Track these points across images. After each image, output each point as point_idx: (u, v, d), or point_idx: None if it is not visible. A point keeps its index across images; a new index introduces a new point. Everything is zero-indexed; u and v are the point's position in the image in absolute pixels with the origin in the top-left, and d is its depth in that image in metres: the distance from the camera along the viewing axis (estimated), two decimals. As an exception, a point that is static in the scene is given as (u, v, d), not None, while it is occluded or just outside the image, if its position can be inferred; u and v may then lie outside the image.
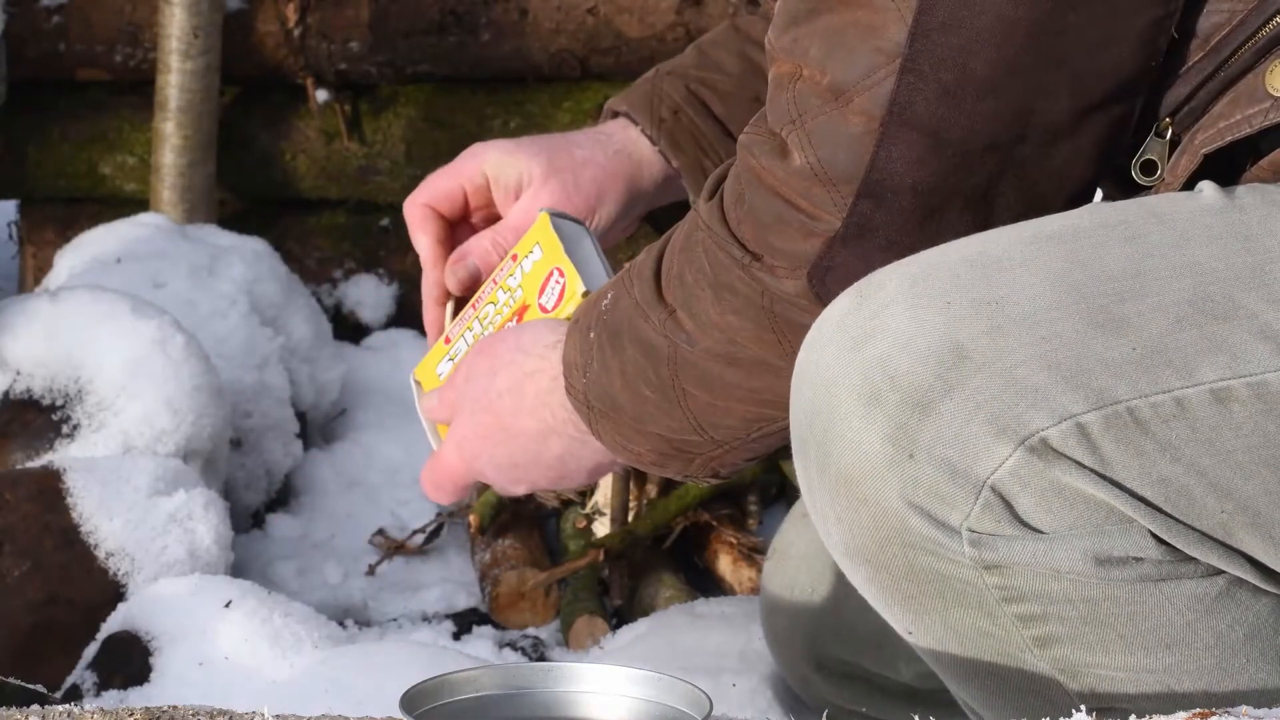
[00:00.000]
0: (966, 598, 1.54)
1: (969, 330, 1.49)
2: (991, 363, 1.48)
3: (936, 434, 1.48)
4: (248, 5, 3.38)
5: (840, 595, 2.13)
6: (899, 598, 1.57)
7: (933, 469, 1.48)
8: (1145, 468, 1.48)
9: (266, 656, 2.28)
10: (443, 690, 1.55)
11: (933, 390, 1.48)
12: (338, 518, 2.98)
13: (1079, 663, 1.55)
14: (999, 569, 1.51)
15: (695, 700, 1.52)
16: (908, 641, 1.63)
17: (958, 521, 1.50)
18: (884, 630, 2.09)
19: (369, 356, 3.38)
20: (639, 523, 2.67)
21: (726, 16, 3.33)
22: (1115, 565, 1.50)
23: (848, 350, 1.52)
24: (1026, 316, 1.49)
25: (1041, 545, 1.50)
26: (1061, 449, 1.47)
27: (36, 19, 3.41)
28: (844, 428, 1.51)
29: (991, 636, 1.56)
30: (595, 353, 1.75)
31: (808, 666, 2.19)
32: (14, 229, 3.63)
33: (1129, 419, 1.47)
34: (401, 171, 3.45)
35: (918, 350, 1.49)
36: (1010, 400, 1.47)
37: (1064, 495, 1.48)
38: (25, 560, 2.41)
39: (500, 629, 2.66)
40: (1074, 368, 1.47)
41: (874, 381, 1.50)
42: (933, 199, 1.57)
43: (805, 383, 1.56)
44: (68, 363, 2.62)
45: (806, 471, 1.57)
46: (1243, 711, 1.42)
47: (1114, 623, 1.53)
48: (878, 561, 1.54)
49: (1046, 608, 1.53)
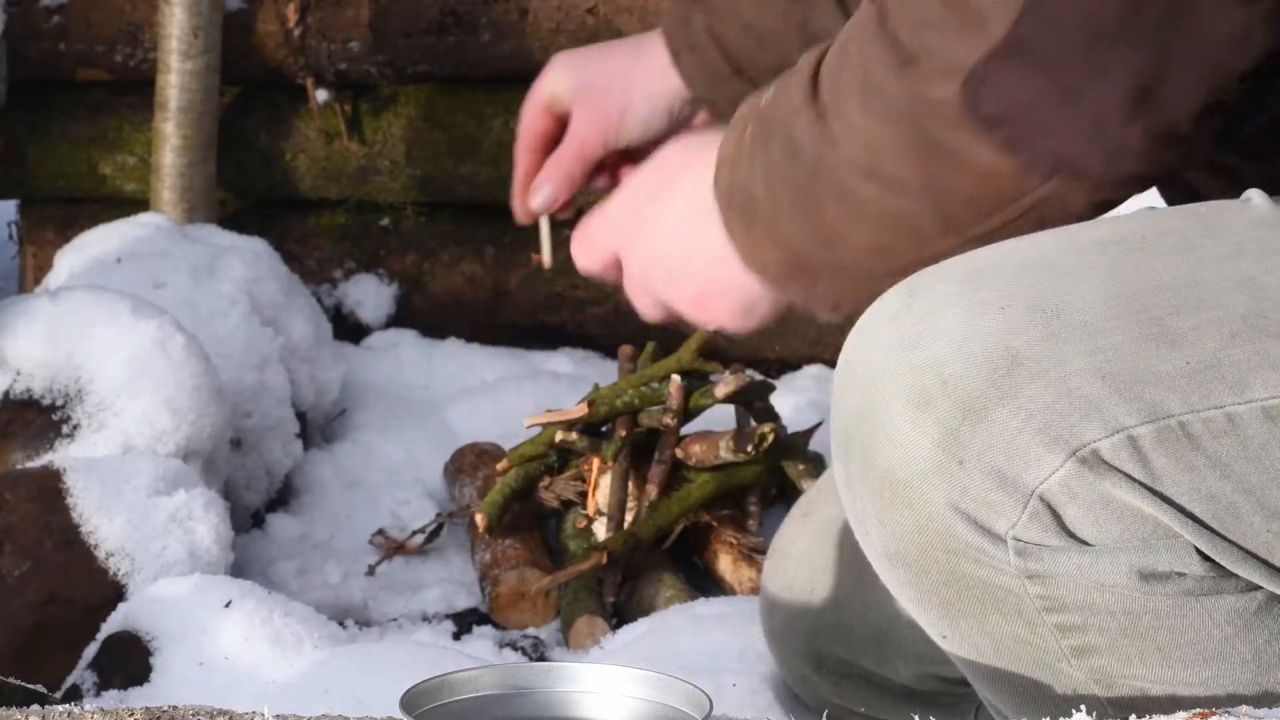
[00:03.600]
0: (1007, 606, 1.53)
1: (1024, 337, 1.48)
2: (1046, 371, 1.47)
3: (987, 441, 1.47)
4: (248, 5, 3.38)
5: (839, 595, 2.13)
6: (937, 603, 1.56)
7: (982, 476, 1.48)
8: (1195, 483, 1.47)
9: (266, 656, 2.28)
10: (443, 690, 1.55)
11: (985, 397, 1.47)
12: (338, 518, 2.98)
13: (1115, 674, 1.54)
14: (1042, 579, 1.51)
15: (695, 700, 1.52)
16: (942, 645, 1.62)
17: (1004, 530, 1.49)
18: (882, 631, 2.09)
19: (369, 356, 3.39)
20: (641, 525, 2.67)
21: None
22: (1159, 580, 1.50)
23: (898, 351, 1.51)
24: (1082, 325, 1.48)
25: (1087, 557, 1.49)
26: (1112, 461, 1.46)
27: (36, 19, 3.41)
28: (892, 430, 1.50)
29: (1029, 645, 1.55)
30: (746, 148, 1.65)
31: (806, 665, 2.19)
32: (14, 229, 3.64)
33: (1180, 433, 1.47)
34: (401, 171, 3.45)
35: (971, 355, 1.48)
36: (1063, 410, 1.46)
37: (1112, 508, 1.47)
38: (25, 560, 2.41)
39: (500, 629, 2.66)
40: (1128, 380, 1.46)
41: (925, 385, 1.49)
42: (1102, 27, 1.49)
43: (852, 380, 1.55)
44: (68, 363, 2.62)
45: (848, 471, 1.56)
46: (1243, 712, 1.42)
47: (1153, 635, 1.52)
48: (919, 566, 1.53)
49: (1087, 619, 1.52)
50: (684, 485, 2.74)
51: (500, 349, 3.44)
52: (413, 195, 3.48)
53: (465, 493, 2.92)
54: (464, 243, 3.50)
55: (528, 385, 3.26)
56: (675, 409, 2.76)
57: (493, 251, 3.49)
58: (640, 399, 2.79)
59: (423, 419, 3.21)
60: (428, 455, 3.10)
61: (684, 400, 2.76)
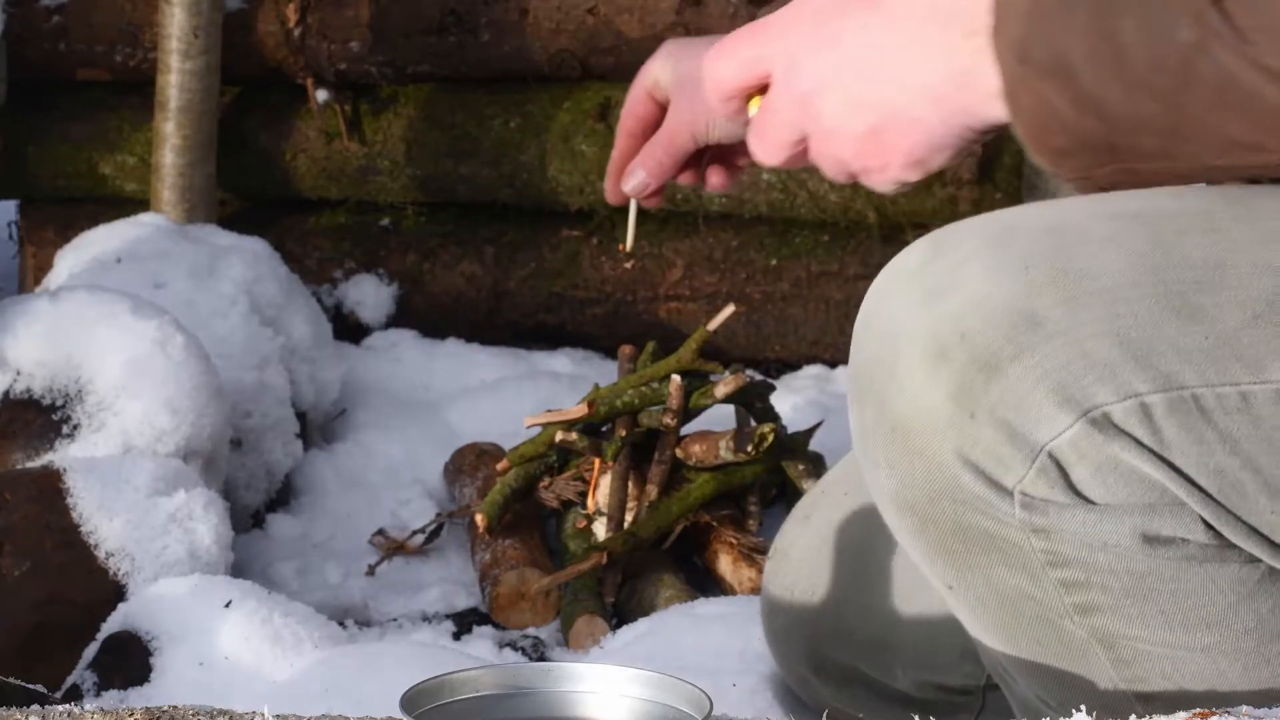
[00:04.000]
0: (1012, 559, 1.54)
1: (1045, 298, 1.49)
2: (1064, 332, 1.48)
3: (1000, 396, 1.48)
4: (248, 5, 3.38)
5: (840, 599, 2.13)
6: (943, 552, 1.57)
7: (992, 430, 1.49)
8: (1203, 456, 1.48)
9: (266, 656, 2.28)
10: (443, 690, 1.55)
11: (1002, 352, 1.49)
12: (338, 518, 2.98)
13: (1118, 634, 1.56)
14: (1047, 534, 1.52)
15: (695, 700, 1.52)
16: (947, 596, 1.63)
17: (1011, 483, 1.50)
18: (882, 636, 2.10)
19: (369, 356, 3.39)
20: (641, 525, 2.67)
21: (726, 17, 3.33)
22: (1162, 544, 1.51)
23: (919, 303, 1.52)
24: (1103, 291, 1.49)
25: (1092, 516, 1.51)
26: (1123, 425, 1.48)
27: (36, 19, 3.41)
28: (907, 380, 1.52)
29: (1033, 599, 1.56)
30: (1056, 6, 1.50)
31: (807, 668, 2.19)
32: (14, 229, 3.64)
33: (1193, 406, 1.48)
34: (401, 171, 3.45)
35: (991, 311, 1.49)
36: (1078, 371, 1.48)
37: (1119, 470, 1.49)
38: (25, 560, 2.41)
39: (500, 629, 2.66)
40: (1145, 348, 1.48)
41: (943, 337, 1.50)
42: None
43: (872, 330, 1.56)
44: (68, 363, 2.62)
45: (862, 418, 1.57)
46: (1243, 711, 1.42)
47: (1156, 597, 1.54)
48: (926, 514, 1.55)
49: (1090, 576, 1.53)
50: (684, 485, 2.74)
51: (500, 349, 3.44)
52: (413, 195, 3.48)
53: (465, 493, 2.92)
54: (464, 243, 3.50)
55: (528, 385, 3.26)
56: (675, 409, 2.76)
57: (493, 251, 3.49)
58: (640, 399, 2.79)
59: (423, 419, 3.21)
60: (428, 455, 3.11)
61: (684, 400, 2.76)
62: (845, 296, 3.43)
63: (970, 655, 2.05)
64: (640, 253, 3.45)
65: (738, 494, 2.80)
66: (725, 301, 3.28)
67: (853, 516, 2.13)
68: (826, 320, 3.45)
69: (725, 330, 3.11)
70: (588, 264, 3.46)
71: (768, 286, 3.44)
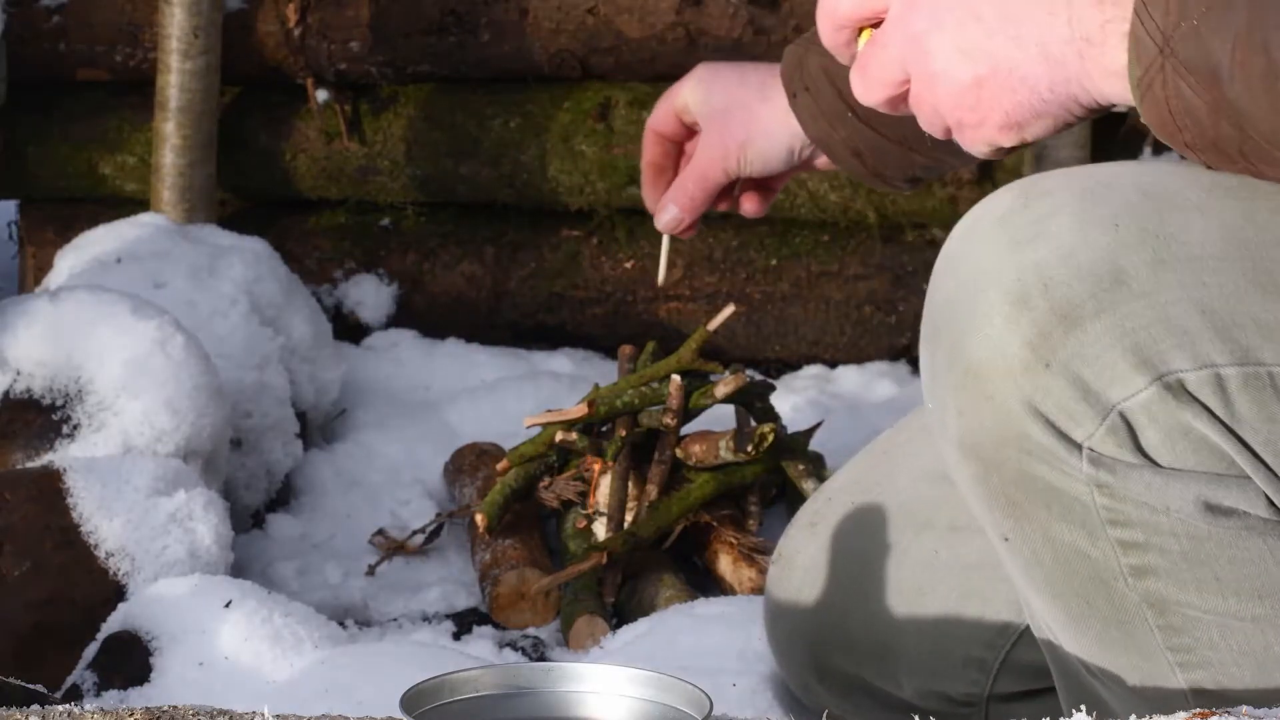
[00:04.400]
0: (1073, 513, 1.54)
1: (1132, 257, 1.49)
2: (1148, 294, 1.48)
3: (1077, 350, 1.48)
4: (248, 5, 3.38)
5: (845, 607, 2.13)
6: (1003, 501, 1.57)
7: (1066, 383, 1.49)
8: (1273, 434, 1.49)
9: (266, 656, 2.28)
10: (443, 690, 1.55)
11: (1084, 307, 1.48)
12: (338, 518, 2.98)
13: (1170, 599, 1.56)
14: (1110, 491, 1.52)
15: (695, 700, 1.52)
16: (1001, 549, 1.62)
17: (1081, 437, 1.50)
18: (886, 644, 2.09)
19: (369, 356, 3.39)
20: (641, 525, 2.67)
21: (726, 17, 3.33)
22: (1223, 514, 1.51)
23: (1006, 249, 1.51)
24: (1191, 258, 1.49)
25: (1158, 479, 1.51)
26: (1196, 394, 1.48)
27: (36, 19, 3.41)
28: (985, 324, 1.51)
29: (1089, 558, 1.56)
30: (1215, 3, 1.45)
31: (810, 676, 2.19)
32: (14, 229, 3.64)
33: (1268, 383, 1.48)
34: (401, 171, 3.45)
35: (1078, 264, 1.49)
36: (1157, 334, 1.48)
37: (1189, 438, 1.49)
38: (25, 560, 2.41)
39: (500, 629, 2.66)
40: (1226, 320, 1.48)
41: (1027, 285, 1.50)
42: None
43: (951, 271, 1.55)
44: (68, 363, 2.62)
45: (933, 359, 1.57)
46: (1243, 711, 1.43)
47: (1213, 564, 1.54)
48: (991, 461, 1.55)
49: (1150, 537, 1.53)
50: (684, 485, 2.74)
51: (500, 349, 3.44)
52: (413, 195, 3.48)
53: (465, 493, 2.92)
54: (464, 243, 3.50)
55: (528, 385, 3.26)
56: (675, 409, 2.76)
57: (493, 251, 3.49)
58: (640, 399, 2.79)
59: (423, 419, 3.21)
60: (428, 455, 3.10)
61: (684, 400, 2.76)
62: (845, 296, 3.43)
63: (975, 664, 2.05)
64: (640, 253, 3.45)
65: (738, 494, 2.80)
66: (725, 301, 3.28)
67: (859, 525, 2.13)
68: (826, 320, 3.45)
69: (725, 330, 3.11)
70: (588, 264, 3.46)
71: (768, 286, 3.44)
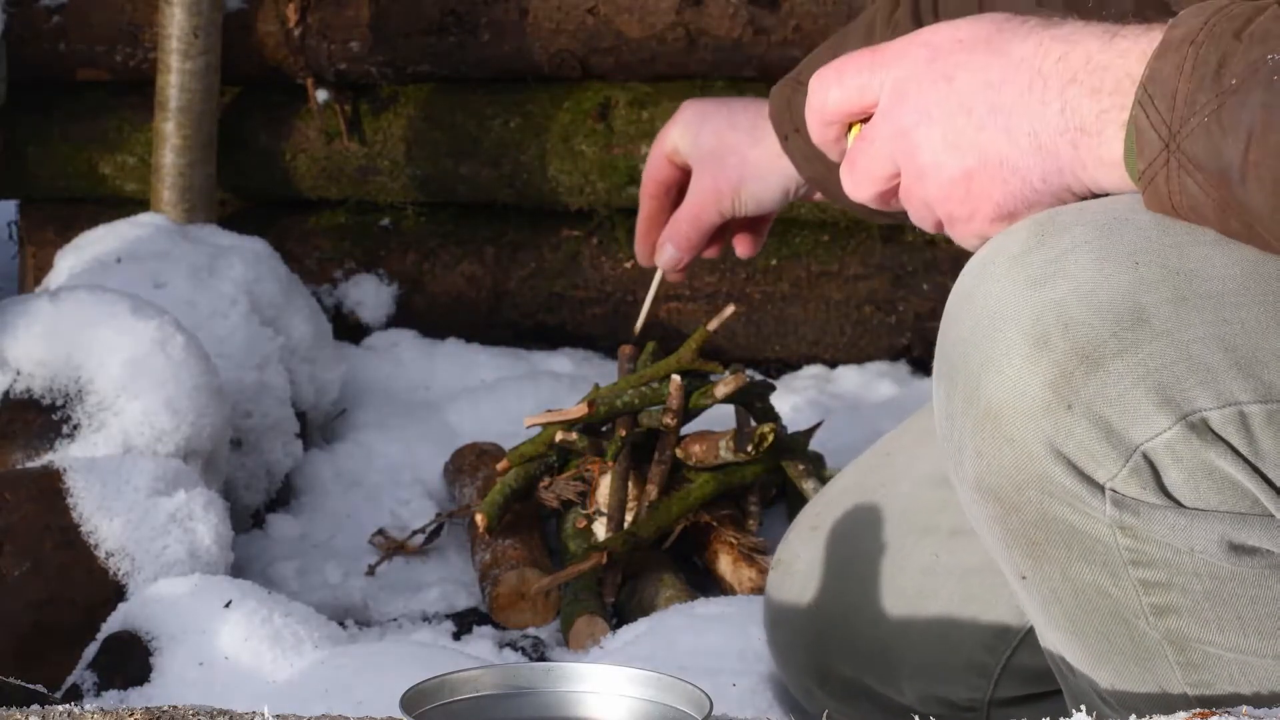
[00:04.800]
0: (1094, 554, 1.53)
1: (1153, 295, 1.47)
2: (1170, 332, 1.47)
3: (1099, 390, 1.47)
4: (248, 5, 3.38)
5: (846, 611, 2.12)
6: (1024, 542, 1.56)
7: (1088, 424, 1.48)
8: None
9: (266, 656, 2.28)
10: (443, 690, 1.55)
11: (1105, 346, 1.47)
12: (338, 518, 2.98)
13: (1191, 637, 1.55)
14: (1134, 533, 1.51)
15: (695, 700, 1.52)
16: (1018, 586, 1.61)
17: (1103, 479, 1.49)
18: (887, 648, 2.09)
19: (369, 356, 3.39)
20: (641, 525, 2.67)
21: (726, 17, 3.33)
22: (1247, 553, 1.50)
23: (1023, 287, 1.50)
24: (1213, 294, 1.47)
25: (1182, 519, 1.50)
26: (1220, 432, 1.47)
27: (36, 19, 3.41)
28: (1004, 364, 1.50)
29: (1109, 596, 1.55)
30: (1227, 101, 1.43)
31: (811, 680, 2.19)
32: (14, 229, 3.64)
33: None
34: (401, 171, 3.45)
35: (1098, 302, 1.48)
36: (1180, 373, 1.46)
37: (1213, 477, 1.48)
38: (25, 560, 2.41)
39: (500, 629, 2.66)
40: (1250, 356, 1.46)
41: (1046, 324, 1.48)
42: None
43: (968, 311, 1.53)
44: (68, 363, 2.62)
45: (950, 400, 1.55)
46: (1243, 711, 1.42)
47: (1236, 603, 1.53)
48: (1011, 502, 1.53)
49: (1173, 578, 1.52)
50: (684, 485, 2.74)
51: (500, 349, 3.44)
52: (413, 195, 3.48)
53: (465, 493, 2.92)
54: (464, 243, 3.50)
55: (528, 385, 3.26)
56: (675, 409, 2.76)
57: (493, 251, 3.49)
58: (640, 399, 2.79)
59: (423, 419, 3.21)
60: (428, 455, 3.11)
61: (684, 400, 2.76)
62: (845, 296, 3.43)
63: (976, 668, 2.05)
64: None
65: (738, 494, 2.80)
66: (725, 301, 3.28)
67: (859, 529, 2.12)
68: (826, 320, 3.45)
69: (725, 330, 3.11)
70: (588, 264, 3.46)
71: (768, 286, 3.44)
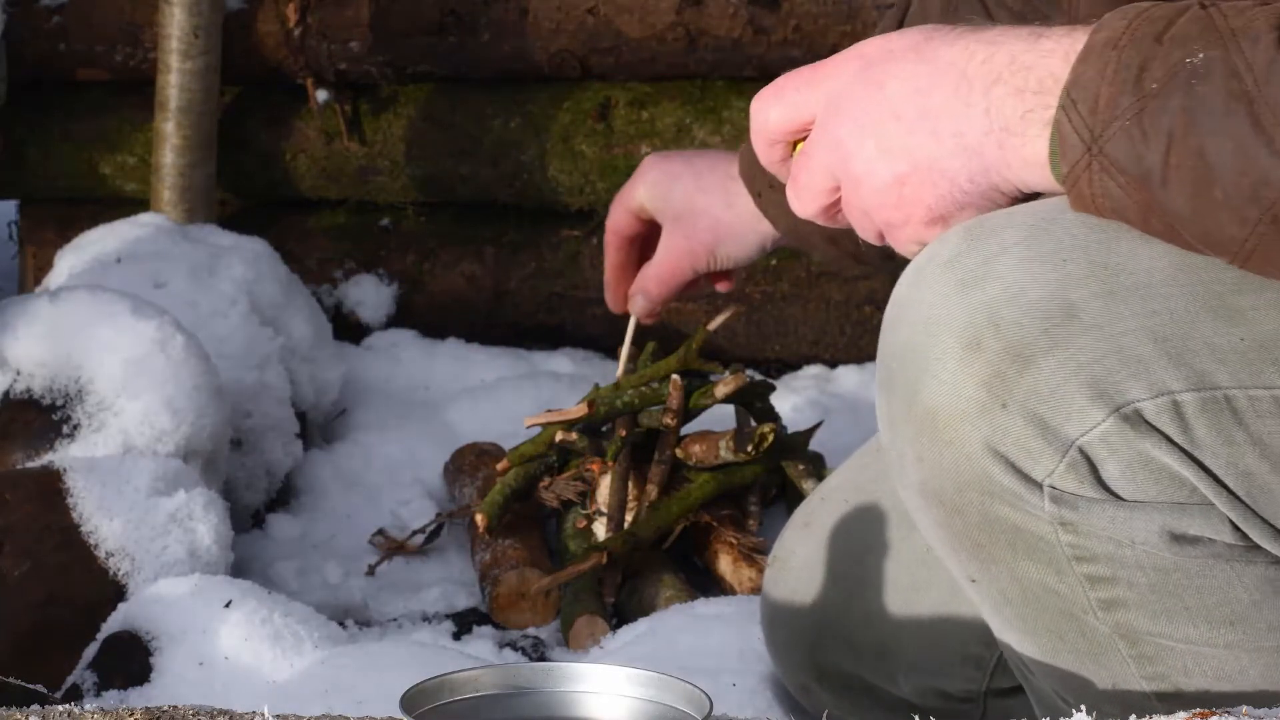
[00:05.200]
0: (1038, 552, 1.54)
1: (1082, 290, 1.48)
2: (1099, 326, 1.48)
3: (1032, 388, 1.48)
4: (248, 5, 3.38)
5: (842, 606, 2.13)
6: (969, 544, 1.57)
7: (1023, 421, 1.49)
8: (1233, 457, 1.48)
9: (266, 656, 2.28)
10: (443, 690, 1.55)
11: (1036, 344, 1.48)
12: (338, 518, 2.98)
13: (1141, 630, 1.56)
14: (1074, 528, 1.52)
15: (695, 700, 1.52)
16: (969, 590, 1.62)
17: (1041, 476, 1.50)
18: (884, 642, 2.09)
19: (369, 356, 3.39)
20: (641, 525, 2.67)
21: (726, 17, 3.33)
22: (1189, 542, 1.51)
23: (955, 291, 1.51)
24: (1141, 287, 1.49)
25: (1121, 512, 1.50)
26: (1154, 423, 1.48)
27: (36, 19, 3.41)
28: (939, 368, 1.51)
29: (1057, 594, 1.56)
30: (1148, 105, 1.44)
31: (808, 676, 2.19)
32: (14, 229, 3.64)
33: (1225, 406, 1.48)
34: (401, 171, 3.45)
35: (1027, 302, 1.49)
36: (1111, 366, 1.47)
37: (1149, 468, 1.49)
38: (25, 560, 2.41)
39: (500, 629, 2.66)
40: (1180, 346, 1.47)
41: (978, 326, 1.49)
42: None
43: (904, 318, 1.55)
44: (68, 363, 2.62)
45: (891, 407, 1.56)
46: (1243, 711, 1.42)
47: (1182, 594, 1.53)
48: (953, 505, 1.54)
49: (1116, 571, 1.53)
50: (684, 485, 2.74)
51: (500, 349, 3.44)
52: (413, 195, 3.48)
53: (465, 493, 2.92)
54: (464, 243, 3.50)
55: (528, 385, 3.26)
56: (675, 409, 2.76)
57: (493, 251, 3.49)
58: (640, 399, 2.79)
59: (423, 419, 3.21)
60: (428, 455, 3.10)
61: (684, 400, 2.76)
62: (845, 297, 3.43)
63: (972, 660, 2.05)
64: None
65: (738, 494, 2.80)
66: (725, 301, 3.28)
67: (853, 523, 2.12)
68: (826, 320, 3.45)
69: (725, 330, 3.11)
70: (588, 264, 3.46)
71: (768, 286, 3.44)
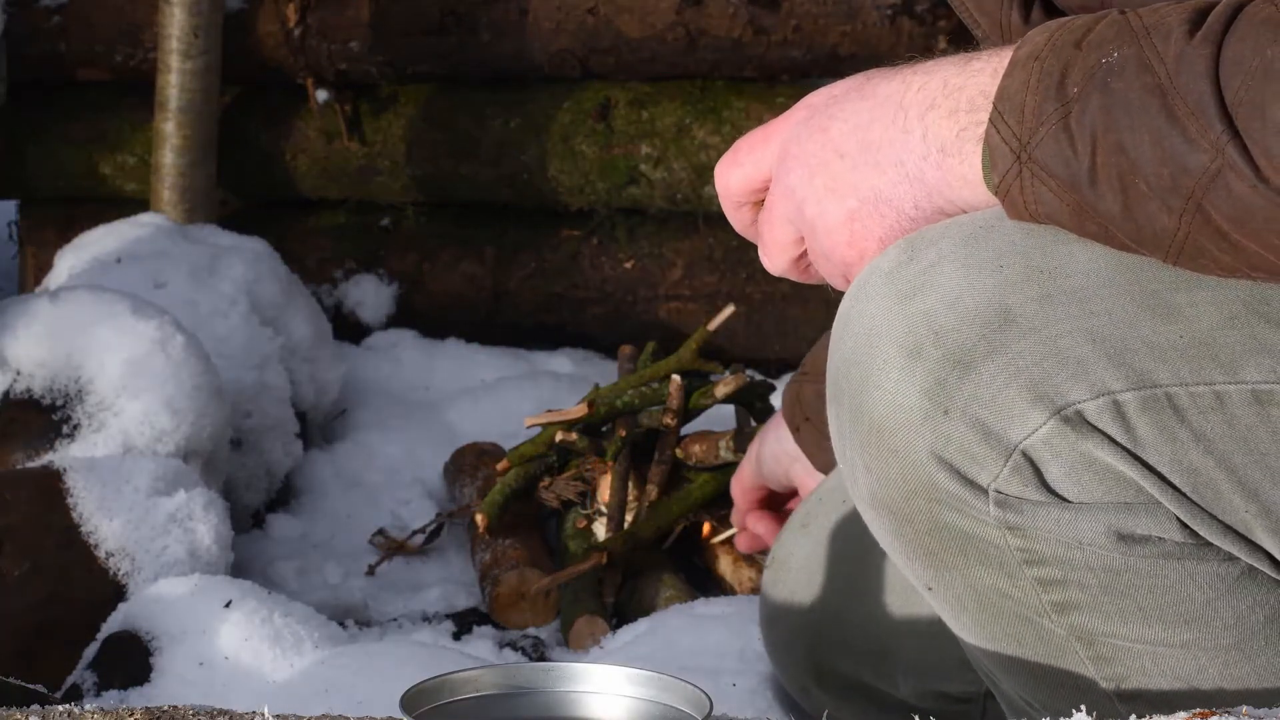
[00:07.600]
0: (988, 557, 1.55)
1: (1019, 295, 1.49)
2: (1037, 330, 1.48)
3: (973, 393, 1.49)
4: (248, 5, 3.38)
5: (840, 607, 2.13)
6: (921, 552, 1.57)
7: (966, 427, 1.49)
8: (1176, 454, 1.48)
9: (266, 656, 2.28)
10: (443, 690, 1.55)
11: (975, 350, 1.49)
12: (338, 518, 2.98)
13: (1096, 631, 1.56)
14: (1022, 532, 1.52)
15: (695, 700, 1.52)
16: (928, 598, 1.63)
17: (986, 481, 1.51)
18: (883, 643, 2.10)
19: (369, 356, 3.39)
20: (641, 525, 2.67)
21: (726, 16, 3.33)
22: (1137, 542, 1.51)
23: (895, 302, 1.52)
24: (1078, 289, 1.49)
25: (1066, 514, 1.51)
26: (1096, 423, 1.48)
27: (36, 19, 3.41)
28: (882, 378, 1.52)
29: (1011, 598, 1.56)
30: (1071, 109, 1.45)
31: (808, 678, 2.19)
32: (14, 229, 3.64)
33: (1166, 404, 1.48)
34: (401, 171, 3.45)
35: (965, 309, 1.50)
36: (1051, 369, 1.48)
37: (1093, 468, 1.49)
38: (25, 560, 2.41)
39: (500, 629, 2.66)
40: (1119, 346, 1.48)
41: (918, 335, 1.50)
42: None
43: (848, 331, 1.56)
44: (68, 363, 2.62)
45: (839, 419, 1.57)
46: (1243, 711, 1.42)
47: (1134, 594, 1.54)
48: (903, 514, 1.55)
49: (1067, 574, 1.53)
50: (684, 485, 2.74)
51: (500, 349, 3.44)
52: (413, 195, 3.48)
53: (465, 493, 2.92)
54: (464, 243, 3.50)
55: (528, 385, 3.26)
56: (675, 409, 2.76)
57: (493, 251, 3.49)
58: (640, 399, 2.79)
59: (423, 419, 3.21)
60: (428, 455, 3.10)
61: (684, 400, 2.76)
62: (845, 296, 3.43)
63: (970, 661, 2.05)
64: (640, 253, 3.45)
65: (738, 494, 2.80)
66: (725, 301, 3.28)
67: (851, 524, 2.13)
68: (826, 320, 3.44)
69: (725, 330, 3.11)
70: (588, 264, 3.46)
71: (768, 286, 3.44)
